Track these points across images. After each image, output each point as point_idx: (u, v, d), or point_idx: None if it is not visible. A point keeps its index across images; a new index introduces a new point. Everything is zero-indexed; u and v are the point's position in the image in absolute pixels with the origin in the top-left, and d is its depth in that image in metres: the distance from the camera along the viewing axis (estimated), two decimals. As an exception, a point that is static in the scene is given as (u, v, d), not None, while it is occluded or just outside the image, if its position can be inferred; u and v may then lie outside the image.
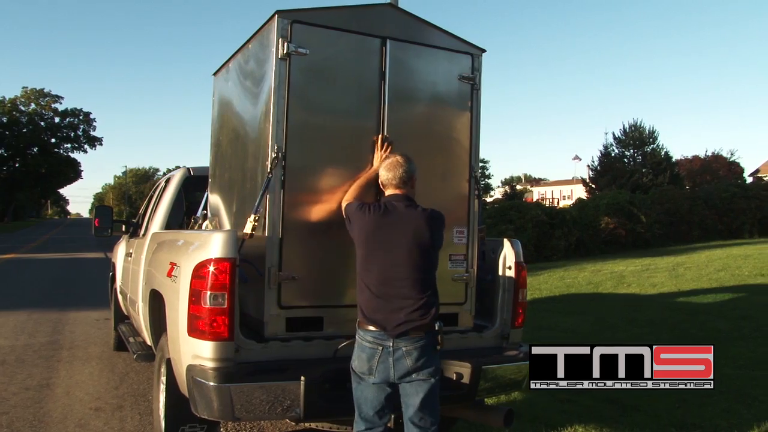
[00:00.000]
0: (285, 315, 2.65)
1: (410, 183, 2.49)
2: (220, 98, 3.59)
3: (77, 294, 9.66)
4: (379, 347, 2.28)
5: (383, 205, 2.44)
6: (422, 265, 2.33)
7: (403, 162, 2.49)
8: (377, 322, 2.28)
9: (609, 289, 9.70)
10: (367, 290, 2.33)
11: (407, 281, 2.29)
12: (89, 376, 4.83)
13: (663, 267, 12.01)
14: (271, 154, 2.60)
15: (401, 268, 2.30)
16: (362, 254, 2.38)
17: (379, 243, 2.34)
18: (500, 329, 3.05)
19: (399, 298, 2.28)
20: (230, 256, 2.43)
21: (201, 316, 2.43)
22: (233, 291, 2.43)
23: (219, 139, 3.54)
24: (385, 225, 2.37)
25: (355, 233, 2.44)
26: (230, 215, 3.19)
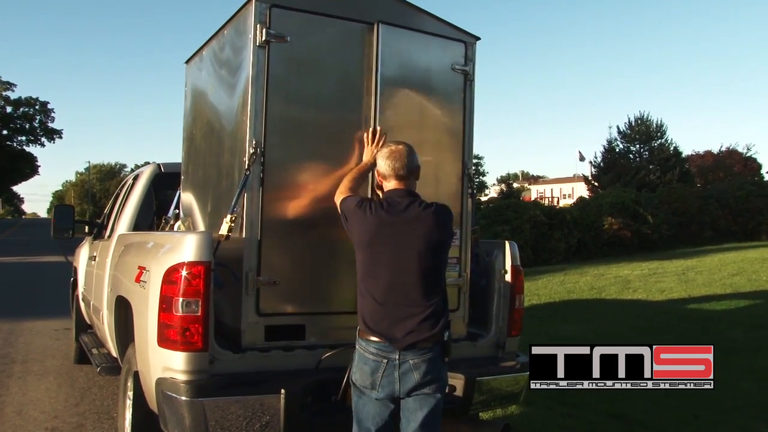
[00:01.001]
0: (264, 323, 2.66)
1: (414, 175, 2.40)
2: (193, 89, 3.59)
3: (34, 301, 9.55)
4: (383, 360, 2.23)
5: (385, 202, 2.35)
6: (432, 268, 2.26)
7: (407, 151, 2.39)
8: (382, 332, 2.23)
9: (613, 295, 9.81)
10: (370, 297, 2.26)
11: (416, 287, 2.23)
12: (45, 392, 4.76)
13: (672, 271, 12.16)
14: (248, 149, 2.61)
15: (410, 274, 2.23)
16: (364, 258, 2.29)
17: (384, 245, 2.26)
18: (495, 338, 3.09)
19: (406, 306, 2.22)
20: (204, 259, 2.44)
21: (172, 325, 2.44)
22: (208, 297, 2.44)
23: (192, 133, 3.54)
24: (390, 225, 2.28)
25: (354, 234, 2.35)
26: (204, 215, 3.20)
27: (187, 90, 3.70)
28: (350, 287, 2.78)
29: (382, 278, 2.26)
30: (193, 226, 3.33)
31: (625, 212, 17.59)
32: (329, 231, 2.73)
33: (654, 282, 10.86)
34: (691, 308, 8.33)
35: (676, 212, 18.83)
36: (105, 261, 3.96)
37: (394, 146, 2.43)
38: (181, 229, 3.43)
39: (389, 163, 2.38)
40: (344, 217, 2.42)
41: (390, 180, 2.40)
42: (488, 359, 3.05)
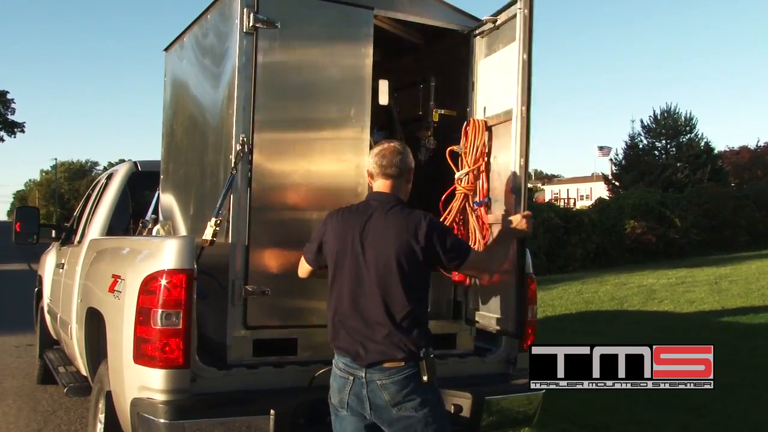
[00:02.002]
0: (252, 337, 2.68)
1: (404, 177, 2.37)
2: (174, 79, 3.62)
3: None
4: (350, 377, 2.23)
5: (356, 206, 2.37)
6: (401, 281, 2.20)
7: (401, 149, 2.37)
8: (346, 348, 2.24)
9: (636, 306, 9.84)
10: (334, 311, 2.29)
11: (379, 304, 2.20)
12: (3, 417, 4.73)
13: (702, 280, 12.19)
14: (235, 145, 2.63)
15: (374, 286, 2.21)
16: (330, 267, 2.33)
17: (343, 254, 2.27)
18: (506, 353, 3.12)
19: (370, 321, 2.21)
20: (186, 266, 2.46)
21: (150, 339, 2.45)
22: (190, 309, 2.46)
23: (173, 128, 3.57)
24: (356, 231, 2.27)
25: (323, 251, 2.38)
26: (186, 218, 3.23)
27: (166, 80, 3.73)
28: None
29: (345, 290, 2.27)
30: (174, 231, 3.36)
31: (649, 215, 17.64)
32: (323, 236, 2.77)
33: (682, 292, 10.89)
34: (724, 321, 8.31)
35: (707, 214, 18.87)
36: (74, 269, 3.97)
37: (386, 144, 2.41)
38: (161, 234, 3.46)
39: (376, 161, 2.36)
40: (313, 251, 2.41)
41: (377, 179, 2.39)
42: (498, 376, 3.08)
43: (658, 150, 31.38)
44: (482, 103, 3.09)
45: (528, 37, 2.69)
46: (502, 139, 2.90)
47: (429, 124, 3.47)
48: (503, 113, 2.89)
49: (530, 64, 2.68)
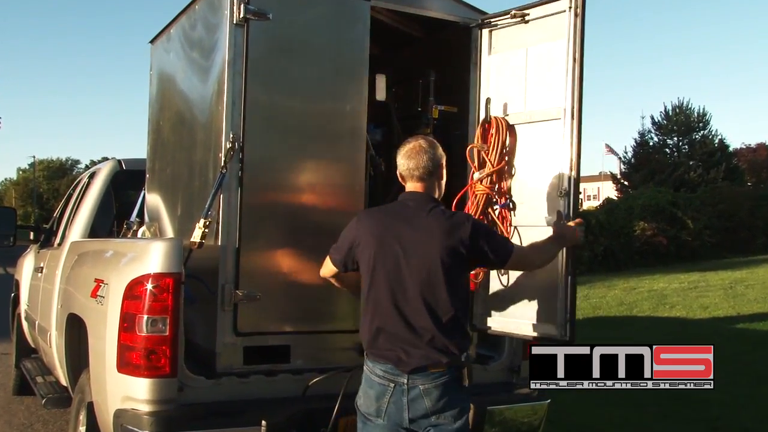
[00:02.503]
0: (242, 344, 2.69)
1: (436, 175, 2.39)
2: (160, 73, 3.63)
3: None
4: (390, 384, 2.24)
5: (391, 207, 2.42)
6: (449, 287, 2.25)
7: (427, 147, 2.38)
8: (387, 353, 2.25)
9: (646, 312, 9.88)
10: (373, 314, 2.29)
11: (423, 307, 2.24)
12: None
13: (717, 284, 12.22)
14: (225, 143, 2.64)
15: (416, 291, 2.25)
16: (367, 269, 2.33)
17: (386, 255, 2.28)
18: (509, 361, 3.14)
19: (412, 324, 2.24)
20: (173, 270, 2.47)
21: (135, 347, 2.46)
22: (177, 314, 2.47)
23: (159, 125, 3.58)
24: (394, 232, 2.30)
25: (354, 255, 2.37)
26: (173, 219, 3.24)
27: (152, 74, 3.74)
28: (342, 302, 2.83)
29: (384, 294, 2.29)
30: (160, 233, 3.37)
31: (660, 216, 17.70)
32: (318, 238, 2.77)
33: (695, 297, 10.93)
34: (740, 328, 8.36)
35: (722, 215, 18.93)
36: (54, 273, 3.98)
37: (412, 142, 2.41)
38: (146, 236, 3.46)
39: (404, 163, 2.39)
40: (342, 253, 2.41)
41: (407, 181, 2.41)
42: (501, 385, 3.10)
43: (669, 147, 31.44)
44: (498, 101, 3.10)
45: (581, 35, 2.72)
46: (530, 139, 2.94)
47: (428, 121, 3.49)
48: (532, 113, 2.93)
49: (582, 62, 2.72)
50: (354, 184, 2.86)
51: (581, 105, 2.74)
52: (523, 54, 3.02)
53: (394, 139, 3.45)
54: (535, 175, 2.93)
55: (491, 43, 3.16)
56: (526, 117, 2.99)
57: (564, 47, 2.78)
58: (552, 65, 2.85)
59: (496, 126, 2.99)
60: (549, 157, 2.86)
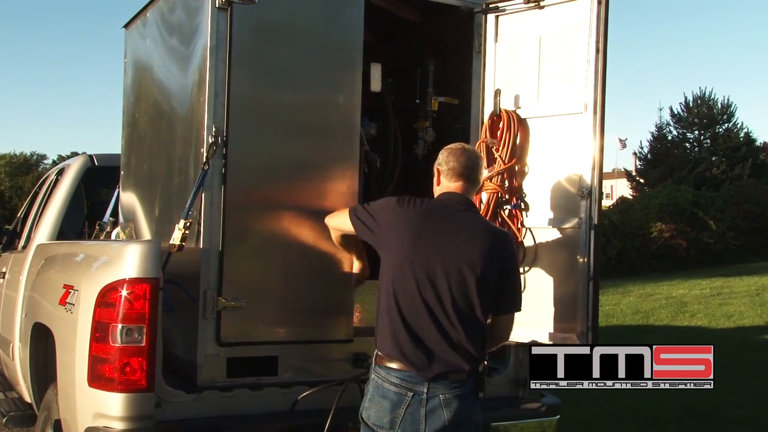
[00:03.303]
0: (226, 355, 2.71)
1: (477, 183, 2.55)
2: (136, 61, 3.64)
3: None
4: (408, 393, 2.27)
5: (434, 202, 2.48)
6: (481, 296, 2.33)
7: (476, 155, 2.55)
8: (408, 357, 2.29)
9: (664, 321, 9.92)
10: (396, 314, 2.32)
11: (454, 311, 2.31)
12: (-74, 455, 4.70)
13: (742, 291, 12.26)
14: (207, 138, 2.66)
15: (448, 293, 2.31)
16: (394, 265, 2.36)
17: (424, 252, 2.34)
18: (515, 373, 3.17)
19: (440, 326, 2.30)
20: (151, 275, 2.48)
21: (108, 359, 2.47)
22: (154, 323, 2.48)
23: (134, 117, 3.59)
24: (436, 228, 2.38)
25: (381, 235, 2.43)
26: (151, 220, 3.26)
27: (127, 62, 3.75)
28: (335, 309, 2.85)
29: (415, 292, 2.32)
30: (137, 234, 3.38)
31: (679, 216, 17.77)
32: (308, 240, 2.81)
33: (718, 305, 10.97)
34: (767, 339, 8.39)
35: (748, 216, 18.99)
36: (18, 279, 3.98)
37: (467, 146, 2.58)
38: (121, 238, 3.48)
39: (462, 160, 2.48)
40: (369, 224, 2.47)
41: (449, 180, 2.50)
42: (506, 400, 3.13)
43: (689, 142, 31.57)
44: (507, 93, 3.13)
45: (605, 24, 2.78)
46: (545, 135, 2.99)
47: (427, 114, 3.52)
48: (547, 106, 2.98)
49: (606, 53, 2.77)
50: (347, 182, 2.88)
51: (604, 99, 2.79)
52: (535, 42, 3.05)
53: (390, 133, 3.48)
54: (550, 173, 2.98)
55: (498, 30, 3.19)
56: (540, 111, 3.03)
57: (584, 36, 2.82)
58: (570, 55, 2.89)
59: (507, 120, 3.02)
60: (566, 154, 2.90)
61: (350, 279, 2.90)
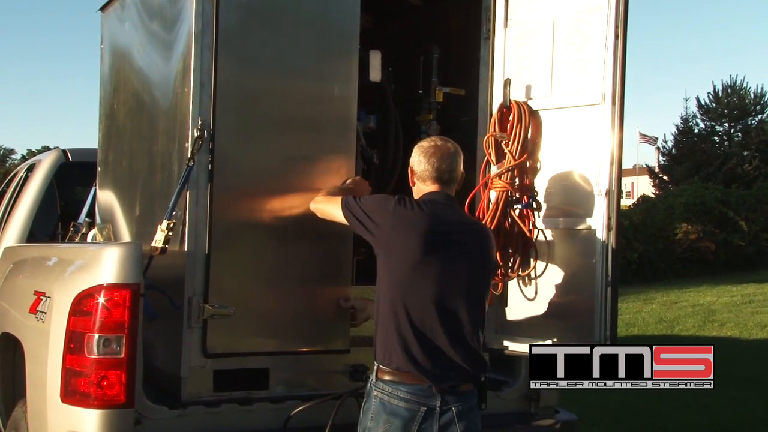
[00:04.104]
0: (213, 367, 2.73)
1: (458, 183, 2.61)
2: (113, 47, 3.66)
3: None
4: (421, 408, 2.31)
5: (432, 204, 2.50)
6: (485, 299, 2.49)
7: (456, 151, 2.58)
8: (422, 369, 2.33)
9: (691, 330, 9.93)
10: (407, 322, 2.35)
11: (466, 317, 2.39)
12: None
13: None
14: (192, 131, 2.67)
15: (460, 298, 2.40)
16: (403, 271, 2.39)
17: (434, 257, 2.39)
18: (526, 386, 3.16)
19: (452, 335, 2.36)
20: (131, 280, 2.49)
21: (84, 372, 2.48)
22: (134, 333, 2.50)
23: (112, 109, 3.61)
24: (444, 232, 2.44)
25: (382, 237, 2.45)
26: (131, 221, 3.27)
27: (103, 48, 3.77)
28: (331, 318, 2.86)
29: (426, 299, 2.37)
30: (115, 236, 3.40)
31: (707, 216, 17.77)
32: (301, 242, 2.83)
33: (750, 313, 10.97)
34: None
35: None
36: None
37: (440, 142, 2.58)
38: (98, 240, 3.50)
39: (433, 162, 2.53)
40: (365, 222, 2.51)
41: (428, 183, 2.56)
42: (517, 416, 3.16)
43: (719, 135, 31.55)
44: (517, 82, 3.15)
45: (624, 7, 2.80)
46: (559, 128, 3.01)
47: (431, 106, 3.53)
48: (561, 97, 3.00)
49: (625, 39, 2.80)
50: (342, 179, 2.89)
51: (624, 89, 2.81)
52: (548, 27, 3.07)
53: (390, 126, 3.49)
54: (564, 170, 3.01)
55: (508, 14, 3.20)
56: (553, 102, 3.04)
57: (602, 21, 2.84)
58: (587, 41, 2.91)
59: (517, 112, 3.04)
60: (582, 149, 2.92)
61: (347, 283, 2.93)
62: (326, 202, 2.69)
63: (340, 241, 2.89)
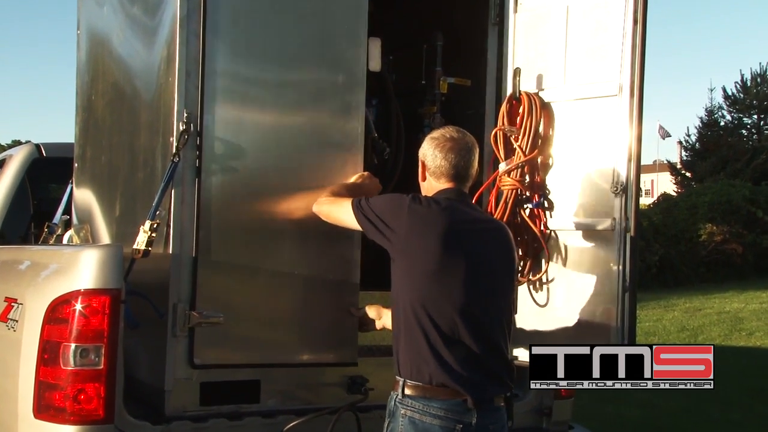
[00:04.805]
0: (199, 379, 2.74)
1: (470, 177, 2.59)
2: (91, 33, 3.66)
3: None
4: (457, 426, 2.31)
5: (450, 201, 2.49)
6: (510, 298, 2.56)
7: (472, 146, 2.56)
8: (459, 382, 2.31)
9: (716, 340, 9.93)
10: (435, 332, 2.33)
11: (497, 321, 2.44)
12: None
13: (811, 305, 12.32)
14: (177, 125, 2.67)
15: (493, 305, 2.44)
16: (423, 274, 2.38)
17: (460, 261, 2.40)
18: (538, 400, 3.23)
19: (485, 346, 2.38)
20: (111, 285, 2.50)
21: (59, 385, 2.48)
22: (114, 342, 2.50)
23: (90, 100, 3.62)
24: (467, 234, 2.45)
25: (399, 242, 2.43)
26: (111, 221, 3.28)
27: (80, 35, 3.77)
28: (328, 326, 2.88)
29: (452, 304, 2.36)
30: (93, 238, 3.41)
31: (733, 216, 17.76)
32: (299, 245, 2.84)
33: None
34: None
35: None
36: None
37: (456, 134, 2.56)
38: (75, 242, 3.51)
39: (450, 158, 2.52)
40: (380, 226, 2.48)
41: (442, 180, 2.55)
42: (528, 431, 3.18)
43: (747, 128, 31.53)
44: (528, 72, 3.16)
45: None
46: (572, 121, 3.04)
47: (435, 97, 3.54)
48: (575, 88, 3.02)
49: (645, 26, 2.81)
50: (348, 176, 2.89)
51: (643, 79, 2.82)
52: (562, 12, 3.09)
53: (390, 119, 3.50)
54: (578, 166, 3.03)
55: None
56: (566, 93, 3.06)
57: (620, 5, 2.86)
58: (603, 28, 2.93)
59: (527, 104, 3.05)
60: (598, 143, 2.94)
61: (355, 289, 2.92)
62: (333, 204, 2.68)
63: (347, 243, 2.88)
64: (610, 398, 6.65)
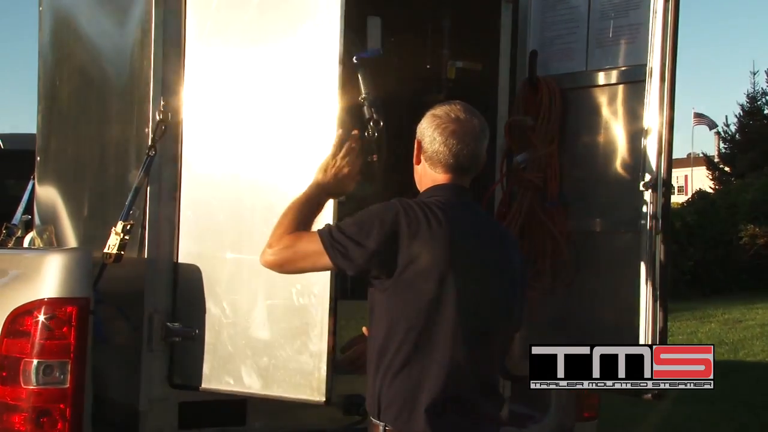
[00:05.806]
0: (178, 399, 2.76)
1: (477, 168, 2.37)
2: (55, 10, 3.68)
3: None
4: None
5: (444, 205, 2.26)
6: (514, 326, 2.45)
7: (481, 129, 2.32)
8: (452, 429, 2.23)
9: (759, 356, 9.92)
10: (428, 369, 2.19)
11: (495, 358, 2.37)
12: None
13: None
14: (154, 114, 2.70)
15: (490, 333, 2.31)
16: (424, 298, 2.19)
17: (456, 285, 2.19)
18: (558, 421, 3.27)
19: (485, 387, 2.32)
20: (78, 294, 2.51)
21: (19, 406, 2.50)
22: (82, 358, 2.52)
23: (54, 86, 3.63)
24: (469, 248, 2.26)
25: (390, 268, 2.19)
26: (78, 221, 3.30)
27: (42, 11, 3.77)
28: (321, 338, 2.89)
29: (452, 339, 2.21)
30: (58, 240, 3.42)
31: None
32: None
33: (838, 336, 10.98)
34: None
35: None
36: None
37: (463, 114, 2.31)
38: (37, 245, 3.52)
39: (451, 144, 2.28)
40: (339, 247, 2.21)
41: (439, 170, 2.33)
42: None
43: (794, 117, 31.46)
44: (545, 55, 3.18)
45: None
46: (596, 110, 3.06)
47: (441, 84, 3.54)
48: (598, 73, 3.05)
49: (678, 4, 2.79)
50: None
51: (675, 62, 2.81)
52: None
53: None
54: (602, 160, 3.04)
55: None
56: (589, 78, 3.08)
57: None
58: (630, 5, 2.94)
59: (546, 91, 3.06)
60: (624, 134, 2.96)
61: None
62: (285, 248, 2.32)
63: None
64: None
